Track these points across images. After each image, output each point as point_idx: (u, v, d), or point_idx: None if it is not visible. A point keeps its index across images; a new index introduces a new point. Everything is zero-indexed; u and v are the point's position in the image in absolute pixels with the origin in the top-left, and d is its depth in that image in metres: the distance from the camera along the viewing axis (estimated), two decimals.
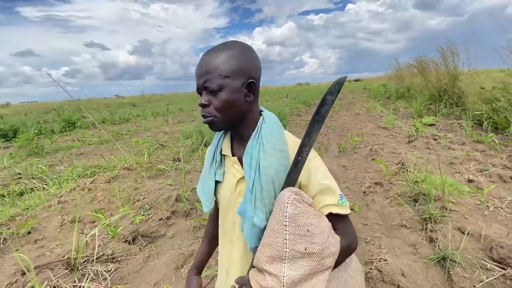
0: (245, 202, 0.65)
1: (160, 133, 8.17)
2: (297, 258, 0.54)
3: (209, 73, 0.61)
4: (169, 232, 2.50)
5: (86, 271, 1.75)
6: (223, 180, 0.72)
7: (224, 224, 0.75)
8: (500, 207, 2.34)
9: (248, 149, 0.67)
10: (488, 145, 4.11)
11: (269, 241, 0.56)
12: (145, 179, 3.86)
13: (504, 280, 1.58)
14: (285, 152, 0.67)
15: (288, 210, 0.56)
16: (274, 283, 0.53)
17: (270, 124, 0.69)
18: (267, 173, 0.63)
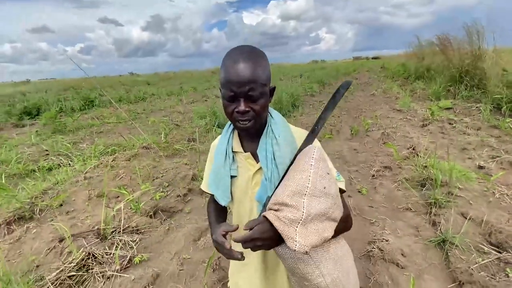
0: (263, 190, 0.75)
1: (174, 112, 8.35)
2: (316, 196, 0.62)
3: (253, 82, 0.67)
4: (186, 208, 2.71)
5: (114, 240, 1.98)
6: (238, 175, 0.81)
7: (239, 212, 0.85)
8: (506, 194, 2.38)
9: (261, 144, 0.77)
10: (504, 131, 4.02)
11: (293, 178, 0.64)
12: (163, 158, 4.08)
13: (499, 263, 1.67)
14: (294, 143, 0.78)
15: (315, 154, 0.67)
16: (292, 214, 0.60)
17: (277, 121, 0.80)
18: (282, 162, 0.75)
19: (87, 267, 1.69)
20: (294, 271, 0.67)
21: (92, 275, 1.65)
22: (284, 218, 0.60)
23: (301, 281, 0.68)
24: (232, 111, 0.71)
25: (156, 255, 1.89)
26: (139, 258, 1.78)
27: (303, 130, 0.84)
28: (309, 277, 0.65)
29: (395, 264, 1.83)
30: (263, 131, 0.79)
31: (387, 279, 1.74)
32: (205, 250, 1.91)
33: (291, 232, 0.58)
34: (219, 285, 1.61)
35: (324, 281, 0.65)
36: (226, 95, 0.71)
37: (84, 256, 1.72)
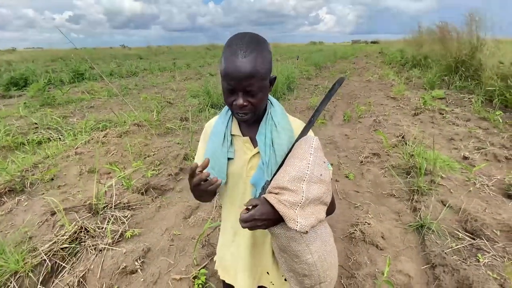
0: (259, 174, 0.78)
1: (167, 89, 8.20)
2: (313, 182, 0.68)
3: (252, 77, 0.67)
4: (177, 187, 2.76)
5: (106, 215, 2.02)
6: (234, 157, 0.83)
7: (232, 193, 0.87)
8: (487, 185, 2.50)
9: (261, 129, 0.80)
10: (493, 123, 4.12)
11: (293, 165, 0.69)
12: (154, 136, 4.07)
13: (471, 248, 1.79)
14: (291, 131, 0.82)
15: (314, 144, 0.72)
16: (292, 197, 0.65)
17: (277, 109, 0.82)
18: (280, 149, 0.78)
19: (79, 239, 1.74)
20: (286, 249, 0.72)
21: (84, 247, 1.70)
22: (285, 201, 0.65)
23: (291, 258, 0.73)
24: (231, 103, 0.73)
25: (147, 230, 1.95)
26: (130, 232, 1.84)
27: (299, 121, 0.87)
28: (299, 254, 0.71)
29: (374, 245, 1.94)
30: (262, 118, 0.81)
31: (366, 259, 1.85)
32: (196, 227, 1.98)
33: (292, 214, 0.64)
34: (207, 260, 1.69)
35: (312, 258, 0.71)
36: (225, 87, 0.71)
37: (76, 229, 1.76)
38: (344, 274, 1.80)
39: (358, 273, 1.75)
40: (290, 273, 0.79)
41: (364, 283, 1.68)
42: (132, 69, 13.02)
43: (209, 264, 1.67)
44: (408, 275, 1.70)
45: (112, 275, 1.55)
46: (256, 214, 0.65)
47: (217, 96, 5.28)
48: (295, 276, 0.78)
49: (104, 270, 1.57)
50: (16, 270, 1.50)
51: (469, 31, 7.44)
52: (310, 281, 0.75)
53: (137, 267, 1.59)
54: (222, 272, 0.98)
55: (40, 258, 1.57)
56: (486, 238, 1.83)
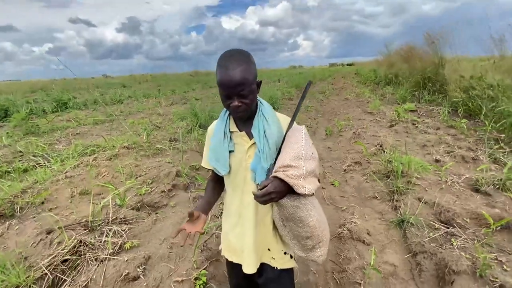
0: (256, 160, 0.96)
1: (154, 114, 8.31)
2: (308, 159, 0.87)
3: (243, 85, 0.87)
4: (171, 202, 2.82)
5: (104, 230, 2.06)
6: (235, 150, 1.01)
7: (234, 180, 1.03)
8: (457, 182, 2.75)
9: (255, 124, 0.99)
10: (459, 130, 4.53)
11: (291, 148, 0.88)
12: (145, 157, 4.14)
13: (446, 236, 1.98)
14: (279, 123, 1.02)
15: (304, 131, 0.94)
16: (296, 171, 0.82)
17: (266, 106, 1.03)
18: (271, 138, 0.97)
19: (79, 253, 1.78)
20: (292, 216, 0.89)
21: (85, 259, 1.73)
22: (291, 175, 0.82)
23: (296, 224, 0.90)
24: (228, 105, 0.93)
25: (145, 241, 2.01)
26: (129, 244, 1.89)
27: (283, 115, 1.07)
28: (303, 219, 0.88)
29: (361, 242, 2.09)
30: (254, 115, 1.00)
31: (355, 254, 1.98)
32: None
33: (299, 183, 0.81)
34: (206, 263, 1.77)
35: (312, 221, 0.89)
36: (221, 93, 0.92)
37: (76, 244, 1.80)
38: (336, 269, 1.92)
39: (349, 267, 1.88)
40: (294, 240, 0.95)
41: (354, 275, 1.81)
42: (116, 97, 13.09)
43: (208, 267, 1.74)
44: (393, 265, 1.85)
45: (114, 283, 1.59)
46: (270, 188, 0.81)
47: (204, 118, 5.47)
48: (299, 241, 0.94)
49: (107, 279, 1.61)
50: (18, 284, 1.52)
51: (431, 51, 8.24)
52: (312, 242, 0.92)
53: (139, 273, 1.64)
54: (229, 254, 1.10)
55: (41, 271, 1.59)
56: (458, 225, 2.03)
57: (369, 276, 1.72)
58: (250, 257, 1.02)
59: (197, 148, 4.37)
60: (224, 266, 1.91)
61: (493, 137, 3.92)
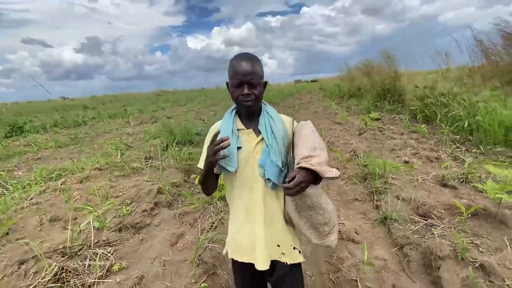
0: (264, 155, 1.00)
1: (123, 134, 7.96)
2: (322, 149, 0.95)
3: (254, 74, 0.97)
4: (154, 221, 2.70)
5: (86, 254, 1.91)
6: (242, 146, 1.04)
7: (242, 177, 1.05)
8: (426, 179, 3.00)
9: (261, 122, 1.05)
10: (421, 134, 4.97)
11: (307, 141, 0.95)
12: (120, 178, 3.93)
13: (426, 227, 2.14)
14: (282, 122, 1.09)
15: (311, 125, 1.03)
16: (317, 160, 0.90)
17: (269, 107, 1.12)
18: (278, 134, 1.03)
19: (62, 280, 1.62)
20: (314, 204, 0.95)
21: (69, 286, 1.58)
22: (315, 164, 0.88)
23: (317, 211, 0.97)
24: (238, 95, 1.00)
25: (134, 262, 1.88)
26: (118, 266, 1.76)
27: (284, 115, 1.15)
28: (323, 206, 0.97)
29: (351, 240, 2.17)
30: (259, 114, 1.07)
31: (347, 253, 2.05)
32: (185, 251, 1.98)
33: (324, 168, 0.88)
34: (204, 277, 1.71)
35: (330, 206, 0.99)
36: (234, 83, 0.99)
37: (57, 271, 1.64)
38: (331, 269, 1.97)
39: (343, 266, 1.94)
40: (311, 230, 1.00)
41: (350, 273, 1.86)
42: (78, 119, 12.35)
43: (206, 280, 1.69)
44: (383, 259, 1.94)
45: None
46: (300, 178, 0.87)
47: (180, 135, 5.37)
48: (317, 229, 1.00)
49: None
50: None
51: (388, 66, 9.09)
52: (329, 227, 0.99)
53: None
54: (239, 255, 1.08)
55: None
56: (435, 216, 2.21)
57: (364, 272, 1.78)
58: (262, 253, 1.02)
59: (175, 165, 4.26)
60: (221, 279, 1.86)
61: (450, 138, 4.36)
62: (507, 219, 2.00)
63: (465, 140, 4.32)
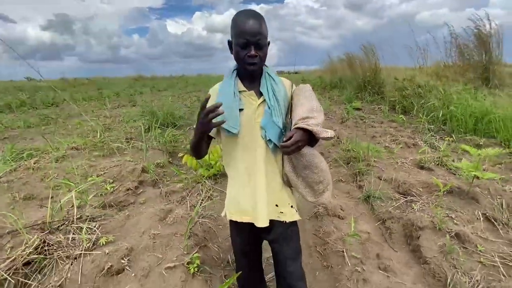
0: (267, 117, 1.00)
1: (100, 116, 7.59)
2: (319, 111, 0.99)
3: (261, 34, 0.95)
4: (140, 199, 2.63)
5: (69, 229, 1.82)
6: (244, 108, 1.03)
7: (245, 140, 1.04)
8: (405, 163, 3.17)
9: (263, 83, 1.04)
10: (399, 123, 5.21)
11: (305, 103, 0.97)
12: (100, 157, 3.76)
13: (406, 203, 2.28)
14: (283, 84, 1.09)
15: (310, 88, 1.06)
16: (314, 121, 0.93)
17: (271, 69, 1.10)
18: (279, 96, 1.03)
19: (44, 254, 1.54)
20: (310, 163, 0.98)
21: (53, 259, 1.51)
22: (312, 124, 0.91)
23: (312, 170, 0.99)
24: (244, 56, 0.97)
25: (122, 236, 1.83)
26: (104, 239, 1.70)
27: (284, 78, 1.14)
28: (318, 165, 0.99)
29: (337, 216, 2.26)
30: (260, 76, 1.06)
31: (333, 228, 2.13)
32: (175, 225, 1.95)
33: (320, 129, 0.90)
34: (196, 248, 1.71)
35: (324, 165, 1.01)
36: (240, 42, 0.95)
37: (38, 244, 1.56)
38: (318, 242, 2.04)
39: (330, 239, 2.01)
40: (307, 188, 1.02)
41: (336, 245, 1.94)
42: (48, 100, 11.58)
43: (198, 251, 1.68)
44: (367, 232, 2.04)
45: (95, 278, 1.42)
46: (297, 137, 0.89)
47: (163, 116, 5.22)
48: (312, 187, 1.02)
49: (85, 275, 1.43)
50: None
51: (368, 59, 9.35)
52: (323, 185, 1.02)
53: (124, 265, 1.49)
54: (238, 215, 1.10)
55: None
56: (415, 194, 2.35)
57: (350, 243, 1.87)
58: (263, 211, 1.05)
59: (158, 147, 4.15)
60: (212, 252, 1.87)
61: (425, 127, 4.61)
62: (478, 196, 2.17)
63: (439, 129, 4.58)
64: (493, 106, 4.15)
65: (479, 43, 6.80)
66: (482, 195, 2.17)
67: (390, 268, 1.64)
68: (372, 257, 1.77)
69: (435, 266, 1.55)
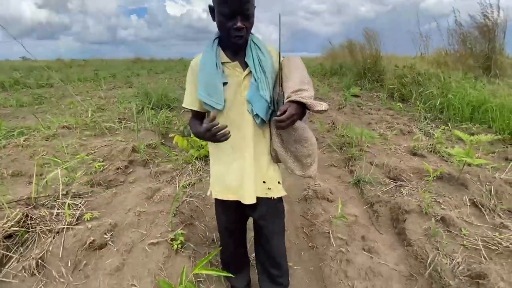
0: (253, 90, 0.95)
1: (94, 97, 7.47)
2: (308, 84, 0.94)
3: (248, 3, 0.86)
4: (129, 178, 2.61)
5: (54, 204, 1.80)
6: (228, 82, 0.96)
7: (230, 115, 0.99)
8: (398, 149, 3.15)
9: (248, 53, 0.97)
10: (396, 111, 5.16)
11: (295, 74, 0.93)
12: (91, 137, 3.71)
13: (396, 188, 2.27)
14: (270, 54, 1.01)
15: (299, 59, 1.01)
16: (307, 94, 0.89)
17: (257, 36, 1.02)
18: (266, 66, 0.96)
19: (26, 227, 1.53)
20: (301, 137, 0.96)
21: (35, 233, 1.50)
22: (306, 97, 0.87)
23: (302, 144, 0.98)
24: (229, 28, 0.88)
25: (108, 213, 1.82)
26: (89, 215, 1.69)
27: (270, 46, 1.06)
28: (309, 138, 0.98)
29: (326, 199, 2.25)
30: (245, 45, 0.98)
31: (321, 210, 2.13)
32: (162, 203, 1.94)
33: (315, 102, 0.86)
34: (181, 226, 1.70)
35: (313, 138, 1.01)
36: (224, 12, 0.86)
37: (21, 218, 1.54)
38: (305, 224, 2.05)
39: (317, 221, 2.01)
40: (295, 162, 1.02)
41: (323, 227, 1.94)
42: (43, 80, 11.35)
43: (183, 229, 1.68)
44: (355, 215, 2.04)
45: (77, 252, 1.41)
46: (292, 111, 0.85)
47: (157, 96, 5.13)
48: (301, 161, 1.02)
49: (67, 249, 1.42)
50: None
51: (369, 46, 9.16)
52: (311, 158, 1.02)
53: (106, 240, 1.49)
54: (224, 193, 1.07)
55: None
56: (405, 179, 2.34)
57: (336, 225, 1.87)
58: (250, 188, 1.02)
59: (151, 128, 4.09)
60: (198, 230, 1.87)
61: (422, 115, 4.57)
62: (468, 183, 2.17)
63: (436, 117, 4.55)
64: (491, 95, 4.10)
65: (483, 31, 6.64)
66: (472, 182, 2.17)
67: (374, 250, 1.64)
68: (358, 239, 1.78)
69: (418, 248, 1.55)
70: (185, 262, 1.46)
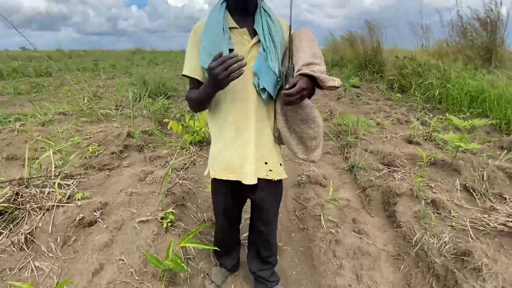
0: (260, 61, 0.87)
1: (92, 86, 7.43)
2: (320, 58, 0.88)
3: None
4: (124, 163, 2.61)
5: (46, 184, 1.81)
6: (234, 49, 0.88)
7: (234, 89, 0.89)
8: (394, 137, 3.14)
9: (257, 20, 0.91)
10: (395, 101, 5.13)
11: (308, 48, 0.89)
12: (87, 123, 3.71)
13: (389, 173, 2.27)
14: (279, 22, 0.96)
15: (312, 31, 0.95)
16: (319, 68, 0.84)
17: (266, 3, 0.96)
18: (276, 36, 0.91)
19: (16, 204, 1.53)
20: (308, 117, 0.90)
21: (26, 210, 1.51)
22: (317, 71, 0.82)
23: (309, 125, 0.92)
24: None
25: (99, 193, 1.83)
26: (80, 195, 1.69)
27: (280, 18, 0.99)
28: (316, 119, 0.92)
29: (319, 184, 2.26)
30: (254, 11, 0.92)
31: (313, 194, 2.13)
32: (154, 185, 1.94)
33: (327, 77, 0.81)
34: (172, 206, 1.71)
35: (320, 120, 0.94)
36: None
37: (11, 195, 1.55)
38: (297, 207, 2.05)
39: (309, 205, 2.02)
40: (300, 145, 0.97)
41: (314, 210, 1.95)
42: (42, 69, 11.29)
43: (175, 209, 1.68)
44: (347, 199, 2.05)
45: (66, 228, 1.43)
46: (303, 85, 0.79)
47: (155, 85, 5.10)
48: (305, 143, 0.97)
49: (56, 226, 1.43)
50: None
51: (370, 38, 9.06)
52: (316, 141, 0.96)
53: (96, 217, 1.50)
54: (223, 173, 0.99)
55: None
56: (398, 165, 2.34)
57: (327, 208, 1.87)
58: (251, 168, 0.96)
59: (148, 115, 4.08)
60: (190, 211, 1.88)
61: (421, 106, 4.54)
62: (461, 168, 2.16)
63: (434, 107, 4.52)
64: (489, 86, 4.06)
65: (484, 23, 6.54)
66: (465, 168, 2.16)
67: (364, 231, 1.65)
68: (348, 222, 1.79)
69: (407, 229, 1.56)
70: (175, 240, 1.47)
